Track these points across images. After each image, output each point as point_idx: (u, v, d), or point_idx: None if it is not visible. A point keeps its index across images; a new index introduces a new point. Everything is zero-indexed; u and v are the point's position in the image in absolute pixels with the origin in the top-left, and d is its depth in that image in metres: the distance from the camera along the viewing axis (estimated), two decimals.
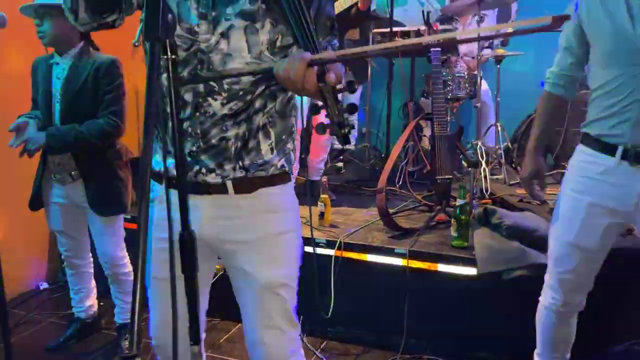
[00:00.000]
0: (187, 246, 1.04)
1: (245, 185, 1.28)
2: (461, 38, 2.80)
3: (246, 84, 1.22)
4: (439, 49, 3.06)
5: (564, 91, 1.77)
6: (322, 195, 2.89)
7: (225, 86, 1.21)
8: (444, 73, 3.77)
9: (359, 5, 3.18)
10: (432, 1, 4.83)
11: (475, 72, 3.77)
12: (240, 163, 1.26)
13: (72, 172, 2.29)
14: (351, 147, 4.92)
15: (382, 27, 4.05)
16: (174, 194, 1.20)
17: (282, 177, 1.33)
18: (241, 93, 1.22)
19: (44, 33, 2.16)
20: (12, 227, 2.88)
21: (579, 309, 1.77)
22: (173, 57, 0.98)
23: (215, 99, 1.21)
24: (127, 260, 2.54)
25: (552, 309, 1.77)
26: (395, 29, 3.86)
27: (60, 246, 2.52)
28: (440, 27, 4.03)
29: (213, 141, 1.23)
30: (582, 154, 1.69)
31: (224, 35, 1.19)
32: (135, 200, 1.02)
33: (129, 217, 2.96)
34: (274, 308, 1.32)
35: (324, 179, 3.13)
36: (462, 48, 4.32)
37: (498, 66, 3.92)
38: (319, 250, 2.59)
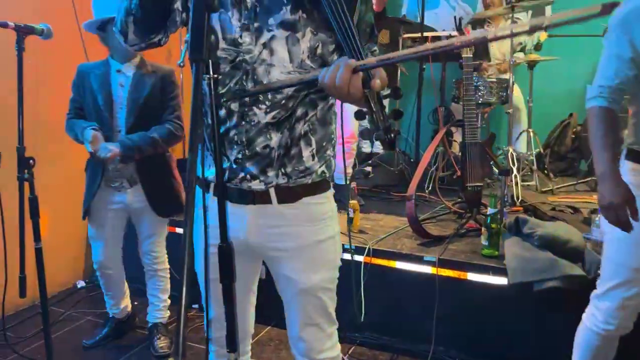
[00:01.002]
0: (225, 256, 1.08)
1: (288, 195, 1.31)
2: (497, 35, 2.74)
3: (288, 93, 1.25)
4: (471, 55, 3.04)
5: (618, 107, 1.60)
6: (351, 201, 2.91)
7: (269, 95, 1.25)
8: (475, 78, 3.74)
9: (373, 7, 3.18)
10: (463, 5, 4.79)
11: (507, 77, 3.74)
12: (283, 170, 1.29)
13: (129, 178, 2.37)
14: (380, 151, 4.93)
15: (413, 32, 4.05)
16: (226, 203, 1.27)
17: (322, 185, 1.36)
18: (283, 102, 1.25)
19: (111, 45, 2.30)
20: (53, 226, 2.99)
21: (628, 331, 1.71)
22: (215, 76, 1.02)
23: (260, 108, 1.25)
24: (166, 258, 2.65)
25: (602, 333, 1.70)
26: (426, 33, 3.84)
27: (96, 256, 2.53)
28: (472, 32, 3.99)
29: (257, 149, 1.27)
30: (632, 172, 1.62)
31: (266, 45, 1.22)
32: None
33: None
34: (314, 309, 1.38)
35: (353, 184, 3.14)
36: (495, 52, 4.28)
37: (531, 71, 3.87)
38: (348, 256, 2.60)
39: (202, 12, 0.96)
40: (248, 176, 1.29)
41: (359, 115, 1.07)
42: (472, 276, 2.40)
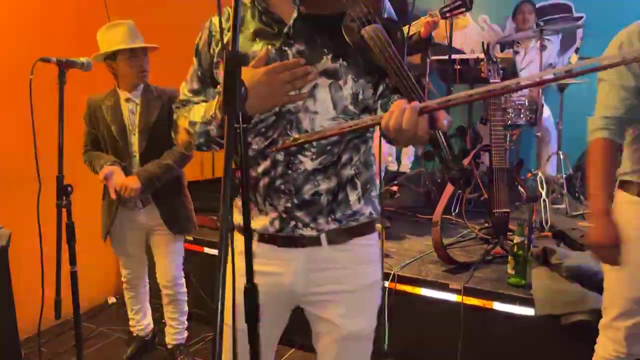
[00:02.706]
0: (250, 299, 1.11)
1: (338, 237, 1.31)
2: (548, 78, 2.69)
3: (333, 139, 1.26)
4: (499, 81, 3.03)
5: (622, 140, 1.62)
6: (376, 225, 2.92)
7: (314, 142, 1.26)
8: (503, 99, 3.72)
9: (420, 32, 3.20)
10: (492, 25, 4.77)
11: (537, 99, 3.71)
12: (333, 216, 1.30)
13: (142, 198, 2.46)
14: (406, 170, 4.92)
15: (441, 54, 4.05)
16: (269, 248, 1.30)
17: (370, 226, 1.37)
18: (329, 147, 1.27)
19: (119, 74, 2.42)
20: (86, 243, 3.08)
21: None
22: (244, 125, 1.05)
23: (305, 155, 1.26)
24: (183, 280, 2.70)
25: None
26: (454, 56, 3.85)
27: (124, 269, 2.69)
28: (501, 54, 3.98)
29: (306, 196, 1.27)
30: (629, 203, 1.62)
31: (310, 94, 1.23)
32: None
33: (191, 238, 3.12)
34: (354, 356, 1.37)
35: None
36: (524, 73, 4.25)
37: (561, 94, 3.83)
38: None
39: (235, 66, 1.01)
40: (300, 224, 1.29)
41: (427, 157, 1.08)
42: (498, 306, 2.38)
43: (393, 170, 5.01)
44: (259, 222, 1.32)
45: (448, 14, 3.08)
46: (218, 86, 1.32)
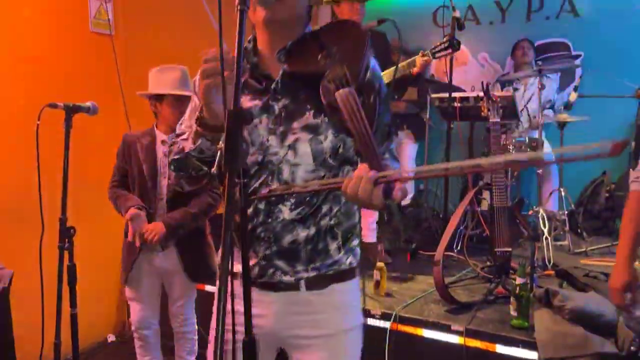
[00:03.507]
0: (249, 351, 1.11)
1: (317, 283, 1.34)
2: (531, 160, 2.74)
3: (313, 190, 1.29)
4: (499, 120, 3.07)
5: None
6: (378, 263, 2.92)
7: (289, 189, 1.28)
8: (504, 137, 3.76)
9: (412, 72, 3.26)
10: (492, 63, 4.86)
11: (537, 135, 3.74)
12: (312, 264, 1.32)
13: (163, 242, 2.43)
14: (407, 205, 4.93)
15: (441, 91, 4.11)
16: (254, 291, 1.29)
17: (350, 273, 1.39)
18: (307, 199, 1.30)
19: (161, 115, 2.46)
20: (86, 279, 3.08)
21: None
22: (245, 180, 1.08)
23: (285, 205, 1.30)
24: (195, 320, 2.68)
25: None
26: (454, 94, 3.90)
27: (134, 314, 2.58)
28: (500, 92, 4.04)
29: (285, 245, 1.30)
30: None
31: (291, 147, 1.28)
32: None
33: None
34: None
35: (380, 246, 3.15)
36: (525, 109, 4.30)
37: (561, 131, 3.86)
38: (374, 322, 2.60)
39: (237, 124, 1.04)
40: (278, 272, 1.32)
41: (380, 224, 1.11)
42: (501, 349, 2.35)
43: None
44: (239, 267, 1.33)
45: (437, 55, 3.16)
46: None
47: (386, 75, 3.26)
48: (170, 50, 3.54)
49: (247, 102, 1.31)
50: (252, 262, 1.32)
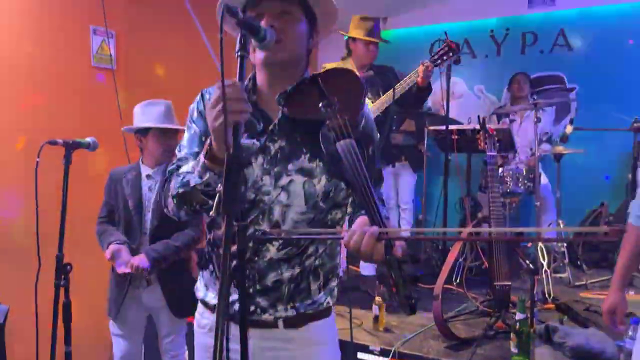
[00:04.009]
0: None
1: (295, 322, 1.35)
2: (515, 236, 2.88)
3: (301, 233, 1.31)
4: (495, 152, 3.09)
5: None
6: (376, 298, 2.89)
7: (282, 234, 1.30)
8: (501, 170, 3.78)
9: (418, 82, 3.28)
10: (488, 95, 4.92)
11: (535, 168, 3.76)
12: (292, 303, 1.34)
13: (146, 278, 2.43)
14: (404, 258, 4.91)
15: (437, 124, 4.15)
16: (232, 326, 1.26)
17: (327, 311, 1.41)
18: (295, 240, 1.31)
19: (146, 150, 2.48)
20: (84, 317, 3.05)
21: None
22: (243, 223, 1.09)
23: (273, 245, 1.31)
24: (186, 354, 2.65)
25: None
26: (451, 126, 3.94)
27: (117, 351, 2.56)
28: (497, 125, 4.08)
29: (268, 283, 1.31)
30: None
31: (285, 188, 1.30)
32: None
33: None
34: None
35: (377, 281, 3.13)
36: (521, 141, 4.33)
37: (558, 163, 3.88)
38: (372, 359, 2.56)
39: (236, 168, 1.05)
40: (258, 309, 1.32)
41: (380, 279, 1.12)
42: None
43: None
44: (214, 296, 1.36)
45: (439, 61, 3.19)
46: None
47: (387, 98, 3.30)
48: (171, 85, 3.59)
49: (244, 140, 1.31)
50: (234, 297, 1.29)
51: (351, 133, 1.20)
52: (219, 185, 1.16)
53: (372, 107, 3.31)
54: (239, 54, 1.09)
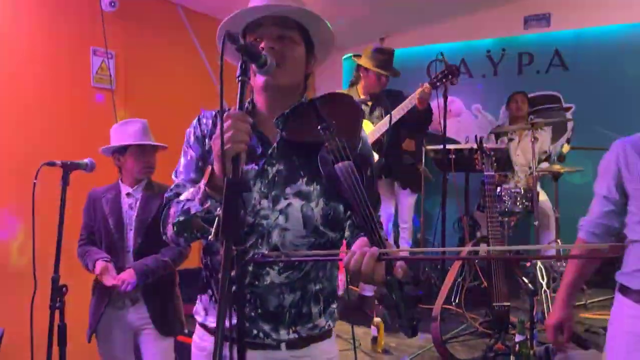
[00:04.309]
0: None
1: (297, 344, 1.34)
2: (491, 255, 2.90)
3: (301, 255, 1.30)
4: (493, 172, 3.10)
5: (598, 240, 1.73)
6: (375, 319, 2.87)
7: (282, 256, 1.29)
8: (499, 189, 3.78)
9: (416, 105, 3.31)
10: (485, 114, 4.95)
11: (532, 187, 3.76)
12: (294, 328, 1.32)
13: (132, 297, 2.40)
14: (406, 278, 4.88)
15: (436, 143, 4.17)
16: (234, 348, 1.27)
17: (328, 333, 1.40)
18: (296, 263, 1.30)
19: (124, 169, 2.46)
20: (77, 336, 3.01)
21: None
22: (242, 247, 1.08)
23: (273, 269, 1.30)
24: None
25: None
26: (448, 146, 3.95)
27: None
28: (495, 145, 4.09)
29: (270, 308, 1.30)
30: (624, 307, 1.63)
31: (283, 212, 1.29)
32: None
33: (186, 330, 3.04)
34: None
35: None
36: (519, 159, 4.35)
37: (556, 182, 3.89)
38: None
39: (235, 193, 1.04)
40: (261, 334, 1.31)
41: (381, 301, 1.10)
42: None
43: None
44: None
45: (438, 84, 3.21)
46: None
47: (385, 122, 3.32)
48: (169, 105, 3.61)
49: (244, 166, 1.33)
50: (235, 322, 1.30)
51: (350, 155, 1.21)
52: (218, 209, 1.16)
53: (374, 128, 3.33)
54: (239, 79, 1.10)
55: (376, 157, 3.23)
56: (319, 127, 1.26)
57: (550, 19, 4.81)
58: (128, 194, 2.47)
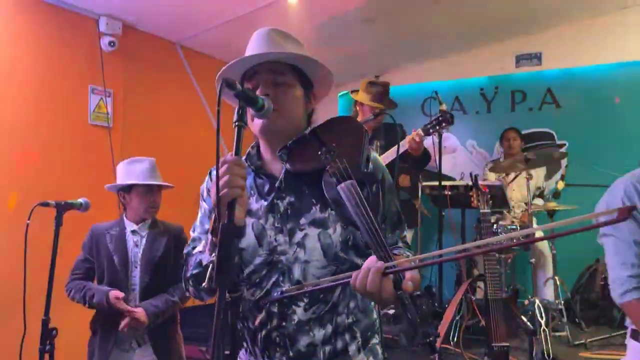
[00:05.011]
0: None
1: None
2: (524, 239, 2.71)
3: (326, 287, 1.25)
4: (489, 210, 3.10)
5: None
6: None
7: (295, 289, 1.24)
8: (495, 226, 3.78)
9: (411, 152, 3.30)
10: (480, 150, 4.99)
11: (528, 223, 3.76)
12: None
13: (138, 339, 2.35)
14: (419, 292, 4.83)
15: (431, 180, 4.18)
16: None
17: None
18: (321, 296, 1.26)
19: (130, 206, 2.45)
20: None
21: None
22: (237, 294, 1.06)
23: (299, 305, 1.25)
24: None
25: None
26: (444, 183, 3.96)
27: None
28: (488, 182, 4.11)
29: (302, 349, 1.24)
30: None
31: (300, 244, 1.26)
32: None
33: None
34: None
35: None
36: (515, 195, 4.36)
37: (551, 219, 3.89)
38: None
39: (229, 240, 1.03)
40: None
41: (397, 320, 1.06)
42: None
43: None
44: None
45: (432, 130, 3.20)
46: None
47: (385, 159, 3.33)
48: (166, 143, 3.62)
49: (253, 203, 1.31)
50: None
51: (351, 174, 1.18)
52: (213, 255, 1.14)
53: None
54: (236, 124, 1.10)
55: None
56: (319, 153, 1.24)
57: (541, 57, 4.91)
58: (133, 231, 2.45)
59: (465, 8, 4.25)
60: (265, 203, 1.30)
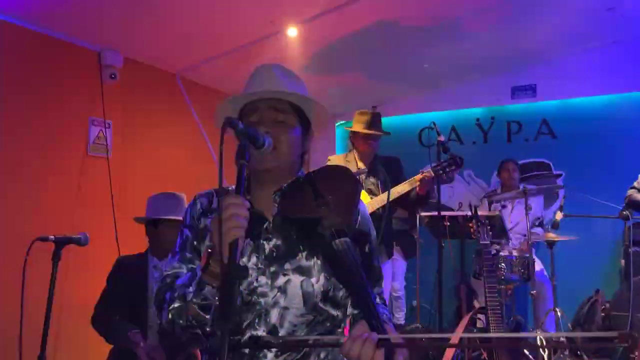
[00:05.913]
0: None
1: None
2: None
3: (298, 335, 1.24)
4: (488, 241, 3.09)
5: None
6: None
7: (279, 337, 1.23)
8: (494, 257, 3.76)
9: (417, 189, 3.33)
10: (478, 180, 5.01)
11: (527, 254, 3.74)
12: None
13: None
14: (400, 321, 4.77)
15: (429, 210, 4.18)
16: None
17: None
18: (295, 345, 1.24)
19: (156, 241, 2.43)
20: None
21: None
22: (238, 337, 1.04)
23: (271, 351, 1.23)
24: None
25: None
26: (443, 213, 3.95)
27: None
28: (486, 212, 4.11)
29: None
30: None
31: (282, 289, 1.25)
32: None
33: None
34: None
35: None
36: (513, 227, 4.35)
37: (551, 250, 3.88)
38: None
39: (233, 282, 1.02)
40: None
41: None
42: None
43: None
44: None
45: (441, 172, 3.21)
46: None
47: (382, 198, 3.33)
48: (166, 174, 3.62)
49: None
50: None
51: (346, 231, 1.19)
52: (216, 298, 1.13)
53: (371, 202, 3.35)
54: (239, 162, 1.10)
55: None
56: (314, 204, 1.24)
57: (536, 89, 4.98)
58: (155, 267, 2.42)
59: (463, 42, 4.33)
60: (251, 242, 1.28)
